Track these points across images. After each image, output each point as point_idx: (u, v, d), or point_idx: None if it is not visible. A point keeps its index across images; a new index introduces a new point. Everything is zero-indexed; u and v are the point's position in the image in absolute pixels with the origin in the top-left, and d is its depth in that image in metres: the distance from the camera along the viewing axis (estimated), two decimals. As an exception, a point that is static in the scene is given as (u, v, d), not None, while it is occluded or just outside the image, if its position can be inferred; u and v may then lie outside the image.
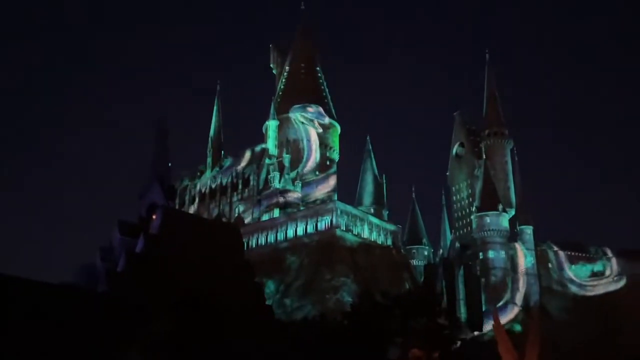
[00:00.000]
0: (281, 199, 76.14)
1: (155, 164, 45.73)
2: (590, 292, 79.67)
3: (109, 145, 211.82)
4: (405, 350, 39.68)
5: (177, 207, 75.62)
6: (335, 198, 74.75)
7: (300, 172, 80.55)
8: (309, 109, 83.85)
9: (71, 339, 29.86)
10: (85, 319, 30.88)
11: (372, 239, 71.39)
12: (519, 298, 75.00)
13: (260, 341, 34.52)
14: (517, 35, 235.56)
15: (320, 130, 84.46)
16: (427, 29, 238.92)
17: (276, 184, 76.40)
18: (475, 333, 69.52)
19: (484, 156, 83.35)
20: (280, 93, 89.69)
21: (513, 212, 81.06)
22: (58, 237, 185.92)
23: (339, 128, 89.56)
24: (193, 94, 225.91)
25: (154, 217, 41.02)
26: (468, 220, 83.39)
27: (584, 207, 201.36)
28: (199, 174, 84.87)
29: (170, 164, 47.58)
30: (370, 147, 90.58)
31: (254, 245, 70.33)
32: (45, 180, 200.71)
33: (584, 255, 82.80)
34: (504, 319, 68.81)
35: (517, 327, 69.40)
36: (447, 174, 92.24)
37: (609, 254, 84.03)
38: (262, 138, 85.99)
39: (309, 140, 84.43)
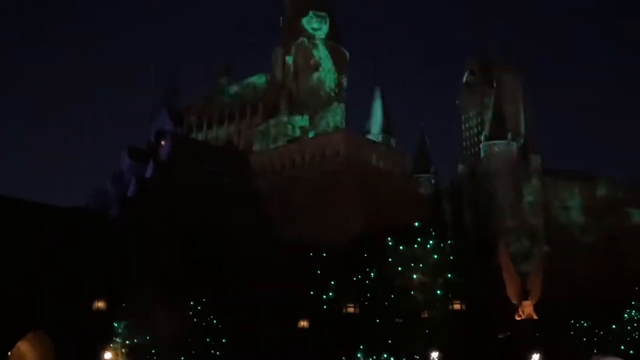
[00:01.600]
0: (290, 127, 75.92)
1: (164, 90, 45.52)
2: (597, 221, 79.86)
3: (119, 70, 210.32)
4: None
5: (185, 132, 75.45)
6: (344, 125, 74.42)
7: (309, 101, 79.90)
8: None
9: (82, 261, 30.50)
10: (96, 242, 31.44)
11: (381, 167, 71.42)
12: (524, 227, 75.37)
13: (267, 268, 35.12)
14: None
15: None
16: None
17: (284, 113, 76.03)
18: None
19: (495, 85, 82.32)
20: (290, 18, 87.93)
21: (522, 142, 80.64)
22: (71, 162, 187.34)
23: (348, 55, 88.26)
24: (203, 16, 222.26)
25: (162, 143, 41.13)
26: (477, 149, 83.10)
27: (597, 140, 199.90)
28: (207, 99, 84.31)
29: (178, 88, 47.29)
30: (379, 76, 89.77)
31: (262, 172, 70.50)
32: (58, 105, 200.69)
33: (592, 185, 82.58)
34: (509, 247, 69.36)
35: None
36: (457, 102, 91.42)
37: (618, 183, 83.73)
38: (271, 66, 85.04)
39: (318, 66, 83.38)
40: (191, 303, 31.89)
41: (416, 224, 44.65)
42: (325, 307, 39.20)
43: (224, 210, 39.57)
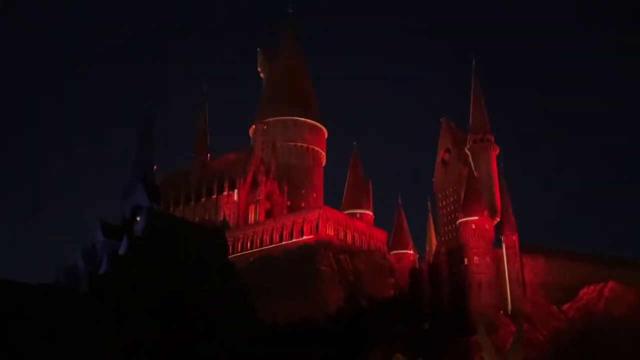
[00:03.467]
0: (267, 203, 76.03)
1: (140, 164, 45.32)
2: (574, 300, 79.80)
3: (93, 145, 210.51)
4: (389, 355, 39.60)
5: (161, 208, 75.00)
6: (322, 202, 74.64)
7: (286, 176, 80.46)
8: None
9: (51, 339, 29.51)
10: (66, 319, 30.53)
11: (358, 244, 71.27)
12: (503, 305, 75.07)
13: (243, 343, 34.34)
14: (504, 41, 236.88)
15: None
16: (414, 33, 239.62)
17: (262, 188, 76.25)
18: (460, 339, 69.43)
19: (470, 162, 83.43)
20: (267, 97, 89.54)
21: (498, 219, 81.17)
22: (40, 238, 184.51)
23: (325, 131, 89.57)
24: (179, 95, 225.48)
25: (137, 219, 40.67)
26: (454, 226, 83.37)
27: (570, 214, 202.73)
28: (184, 176, 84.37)
29: (155, 165, 47.19)
30: (357, 152, 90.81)
31: (239, 249, 70.08)
32: (28, 180, 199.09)
33: (568, 262, 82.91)
34: (488, 326, 68.76)
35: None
36: (433, 179, 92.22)
37: (593, 260, 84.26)
38: (249, 141, 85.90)
39: (295, 144, 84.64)
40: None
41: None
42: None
43: (199, 285, 38.83)
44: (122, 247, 38.83)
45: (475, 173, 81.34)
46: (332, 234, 68.82)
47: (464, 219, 77.09)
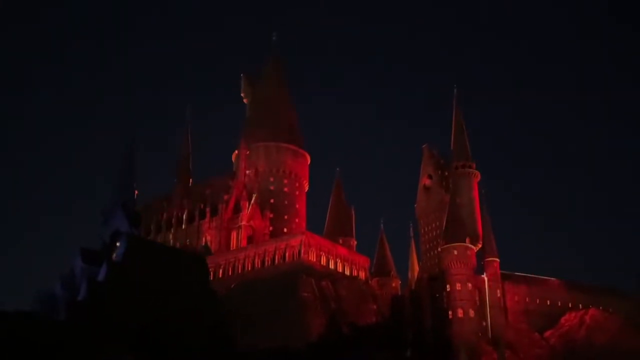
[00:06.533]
0: (249, 228, 75.71)
1: (121, 189, 45.05)
2: (555, 327, 80.00)
3: (74, 169, 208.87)
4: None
5: (142, 234, 74.44)
6: (304, 228, 74.45)
7: (268, 202, 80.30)
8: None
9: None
10: (43, 348, 30.02)
11: (340, 270, 71.02)
12: (485, 332, 74.97)
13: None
14: (485, 70, 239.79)
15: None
16: (397, 61, 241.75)
17: (244, 213, 75.95)
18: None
19: (452, 189, 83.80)
20: (250, 122, 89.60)
21: (480, 245, 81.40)
22: (17, 263, 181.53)
23: (308, 158, 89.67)
24: (162, 119, 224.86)
25: (117, 244, 40.29)
26: (436, 252, 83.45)
27: (552, 241, 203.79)
28: (166, 201, 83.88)
29: (136, 191, 46.90)
30: (340, 178, 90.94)
31: (220, 275, 69.54)
32: (6, 204, 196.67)
33: (550, 289, 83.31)
34: (470, 353, 68.62)
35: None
36: (415, 205, 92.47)
37: (573, 287, 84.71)
38: (232, 166, 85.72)
39: (278, 170, 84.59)
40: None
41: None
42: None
43: (179, 312, 38.41)
44: (101, 273, 38.38)
45: (457, 199, 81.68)
46: (315, 260, 68.54)
47: (446, 246, 77.21)
